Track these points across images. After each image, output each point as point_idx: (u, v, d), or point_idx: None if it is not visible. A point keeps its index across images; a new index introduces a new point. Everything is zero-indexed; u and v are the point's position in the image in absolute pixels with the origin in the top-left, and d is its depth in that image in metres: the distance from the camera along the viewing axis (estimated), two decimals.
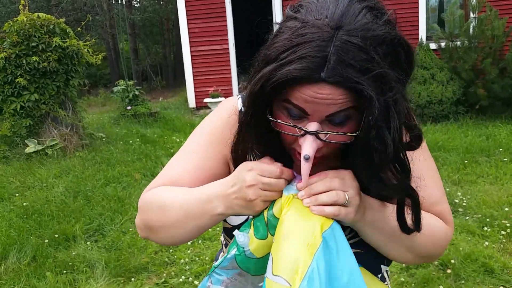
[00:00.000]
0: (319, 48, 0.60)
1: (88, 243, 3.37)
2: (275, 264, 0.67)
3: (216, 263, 0.79)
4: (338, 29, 0.60)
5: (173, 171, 0.86)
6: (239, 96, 0.89)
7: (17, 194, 4.41)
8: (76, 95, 6.27)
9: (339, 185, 0.69)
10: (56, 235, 3.45)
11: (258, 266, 0.75)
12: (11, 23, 5.62)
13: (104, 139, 6.46)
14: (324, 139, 0.67)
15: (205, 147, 0.85)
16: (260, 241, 0.73)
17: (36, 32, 5.60)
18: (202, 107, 8.84)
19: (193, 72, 8.80)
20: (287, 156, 0.76)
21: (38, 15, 5.70)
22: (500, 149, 4.99)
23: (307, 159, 0.65)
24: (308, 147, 0.65)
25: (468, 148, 5.12)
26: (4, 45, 5.63)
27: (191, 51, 8.73)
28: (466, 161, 4.68)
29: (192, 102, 8.97)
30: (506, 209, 3.50)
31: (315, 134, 0.66)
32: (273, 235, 0.72)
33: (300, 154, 0.68)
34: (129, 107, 8.06)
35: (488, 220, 3.34)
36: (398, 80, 0.63)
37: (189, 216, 0.77)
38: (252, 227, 0.75)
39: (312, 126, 0.66)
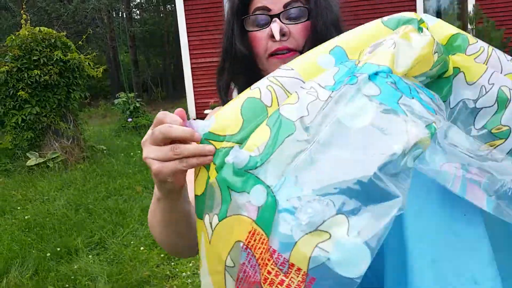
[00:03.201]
0: None
1: (90, 256, 3.37)
2: None
3: None
4: None
5: None
6: None
7: (18, 207, 4.41)
8: (77, 107, 6.31)
9: None
10: (58, 249, 3.45)
11: None
12: (13, 37, 5.68)
13: (105, 152, 6.49)
14: (285, 18, 0.83)
15: None
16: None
17: (38, 46, 5.65)
18: (202, 119, 8.81)
19: (193, 83, 8.85)
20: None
21: (39, 29, 5.76)
22: None
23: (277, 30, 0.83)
24: (276, 27, 0.81)
25: None
26: (6, 59, 5.69)
27: (191, 63, 8.79)
28: None
29: (192, 114, 9.01)
30: None
31: (278, 16, 0.83)
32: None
33: (271, 52, 0.85)
34: (130, 119, 8.10)
35: None
36: None
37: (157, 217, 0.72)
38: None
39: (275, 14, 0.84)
